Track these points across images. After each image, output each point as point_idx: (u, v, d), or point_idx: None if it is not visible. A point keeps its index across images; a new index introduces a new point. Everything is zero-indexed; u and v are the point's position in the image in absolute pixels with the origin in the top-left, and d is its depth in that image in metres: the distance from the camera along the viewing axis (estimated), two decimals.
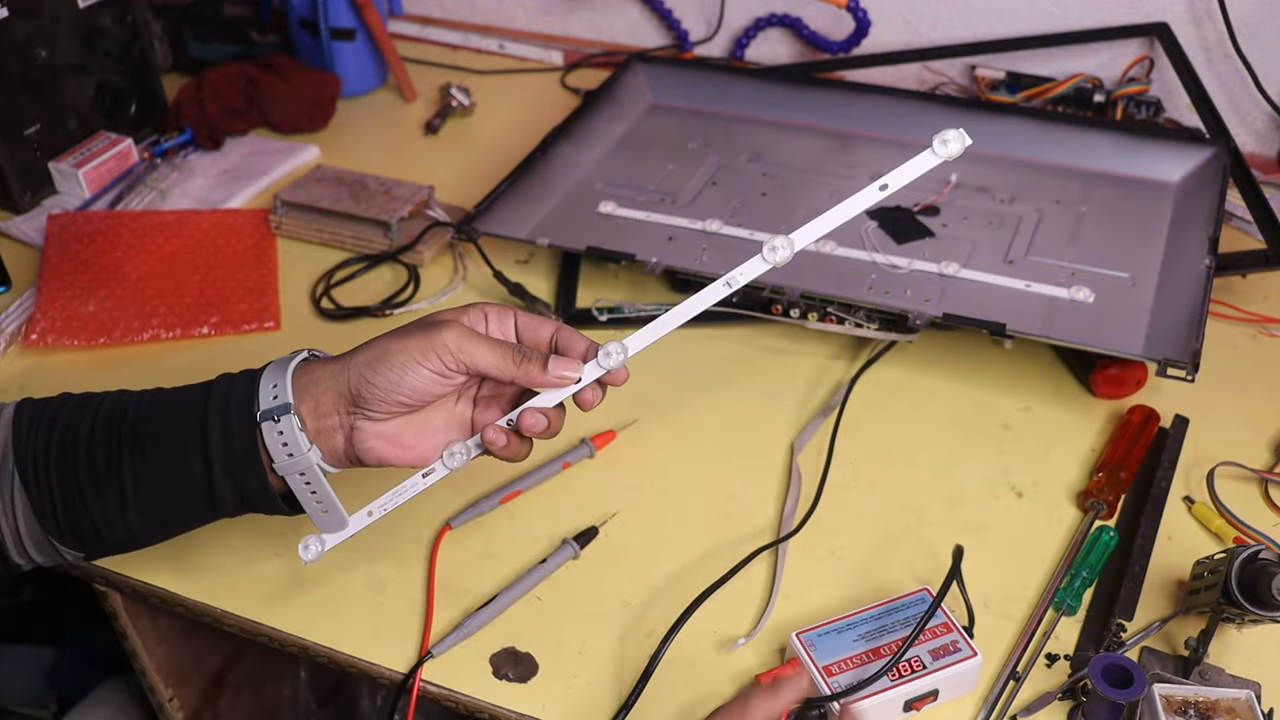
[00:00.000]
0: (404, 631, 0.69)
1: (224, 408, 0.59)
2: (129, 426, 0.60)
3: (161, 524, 0.63)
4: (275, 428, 0.58)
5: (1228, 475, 0.78)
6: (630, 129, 1.12)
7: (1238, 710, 0.60)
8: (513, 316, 0.61)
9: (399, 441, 0.60)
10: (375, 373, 0.57)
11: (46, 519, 0.60)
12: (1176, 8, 1.10)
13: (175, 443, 0.59)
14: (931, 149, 0.54)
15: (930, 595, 0.66)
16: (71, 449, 0.60)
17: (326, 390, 0.58)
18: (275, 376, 0.59)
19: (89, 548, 0.63)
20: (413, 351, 0.56)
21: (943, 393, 0.85)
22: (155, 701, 0.88)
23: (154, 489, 0.60)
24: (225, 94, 1.17)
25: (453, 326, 0.57)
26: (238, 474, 0.59)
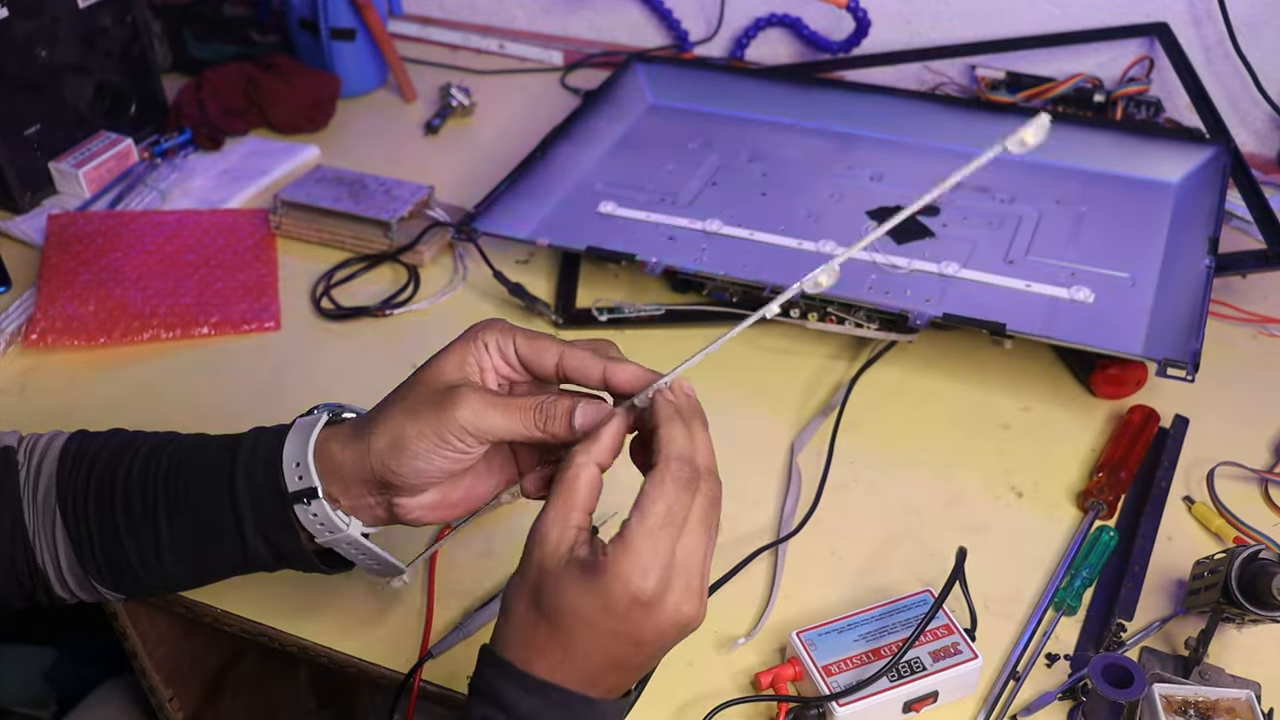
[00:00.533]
0: (404, 631, 0.68)
1: (250, 473, 0.56)
2: (165, 473, 0.58)
3: (196, 573, 0.61)
4: (307, 510, 0.55)
5: (1228, 475, 0.78)
6: (630, 129, 1.12)
7: (1238, 710, 0.60)
8: (512, 343, 0.55)
9: (444, 504, 0.57)
10: (399, 463, 0.53)
11: (85, 557, 0.59)
12: (1176, 8, 1.10)
13: (207, 499, 0.57)
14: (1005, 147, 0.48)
15: (932, 596, 0.66)
16: (110, 488, 0.58)
17: (352, 477, 0.55)
18: (297, 452, 0.56)
19: (126, 588, 0.61)
20: (430, 438, 0.53)
21: (943, 393, 0.85)
22: (155, 702, 0.88)
23: (188, 539, 0.58)
24: (225, 94, 1.17)
25: (465, 400, 0.52)
26: (271, 537, 0.57)
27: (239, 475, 0.56)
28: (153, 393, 0.87)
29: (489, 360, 0.55)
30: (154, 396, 0.87)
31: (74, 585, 0.60)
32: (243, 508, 0.56)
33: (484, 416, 0.52)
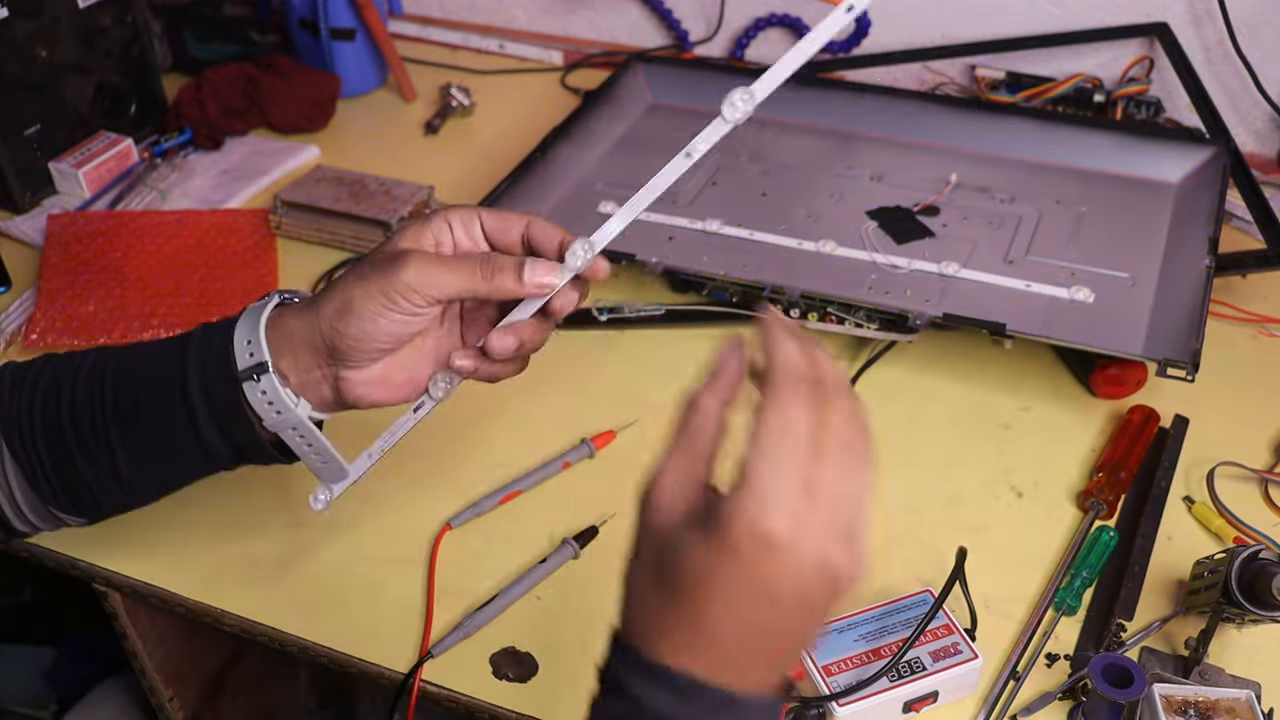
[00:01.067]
0: (404, 631, 0.69)
1: (202, 366, 0.56)
2: (110, 390, 0.58)
3: (158, 483, 0.61)
4: (257, 387, 0.55)
5: (1228, 475, 0.78)
6: (630, 129, 1.12)
7: (1238, 710, 0.60)
8: (478, 219, 0.57)
9: (389, 382, 0.57)
10: (346, 324, 0.54)
11: (41, 487, 0.59)
12: (1176, 8, 1.10)
13: (158, 404, 0.57)
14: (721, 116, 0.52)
15: (932, 596, 0.66)
16: (55, 416, 0.58)
17: (301, 345, 0.55)
18: (249, 330, 0.56)
19: (88, 513, 0.61)
20: (376, 297, 0.53)
21: (943, 393, 0.85)
22: (155, 702, 0.88)
23: (144, 452, 0.58)
24: (225, 94, 1.17)
25: (411, 260, 0.53)
26: (225, 428, 0.57)
27: (190, 369, 0.56)
28: None
29: (449, 237, 0.56)
30: None
31: (32, 516, 0.60)
32: (195, 400, 0.56)
33: (430, 273, 0.53)
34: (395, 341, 0.55)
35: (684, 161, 0.54)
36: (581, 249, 0.55)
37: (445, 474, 0.78)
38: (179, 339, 0.58)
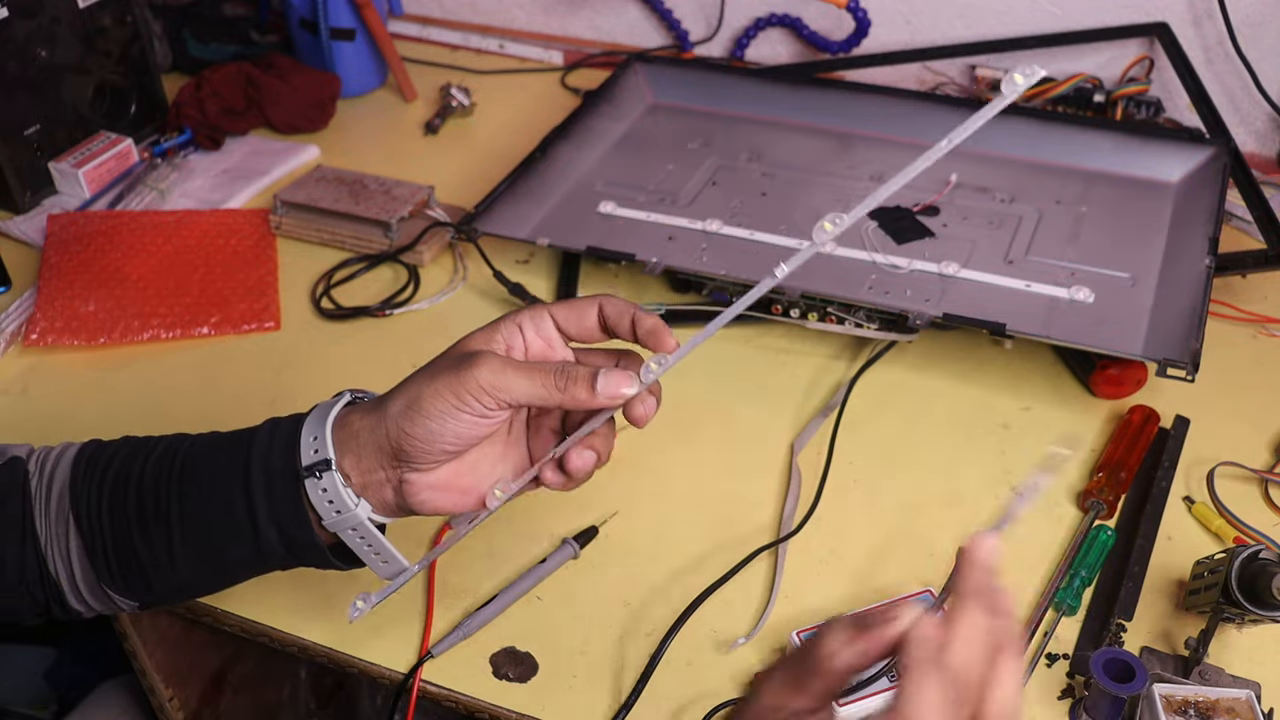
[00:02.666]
0: (404, 631, 0.69)
1: (266, 458, 0.55)
2: (178, 472, 0.57)
3: (210, 574, 0.59)
4: (318, 484, 0.54)
5: (1228, 475, 0.78)
6: (630, 129, 1.12)
7: (1238, 710, 0.60)
8: (549, 317, 0.56)
9: (453, 487, 0.55)
10: (413, 424, 0.52)
11: (99, 563, 0.58)
12: (1176, 8, 1.10)
13: (220, 491, 0.56)
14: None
15: (933, 596, 0.66)
16: (123, 492, 0.57)
17: (366, 445, 0.54)
18: (316, 426, 0.55)
19: (140, 595, 0.59)
20: (446, 397, 0.52)
21: (943, 393, 0.85)
22: (155, 702, 0.88)
23: (201, 538, 0.57)
24: (225, 94, 1.17)
25: (485, 361, 0.52)
26: (284, 525, 0.56)
27: (254, 461, 0.55)
28: (153, 392, 0.87)
29: (520, 340, 0.55)
30: (154, 396, 0.87)
31: (87, 594, 0.59)
32: (256, 494, 0.55)
33: (502, 376, 0.51)
34: (463, 444, 0.53)
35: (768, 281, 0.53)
36: (656, 364, 0.53)
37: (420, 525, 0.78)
38: (250, 429, 0.58)
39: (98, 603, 0.60)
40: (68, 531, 0.58)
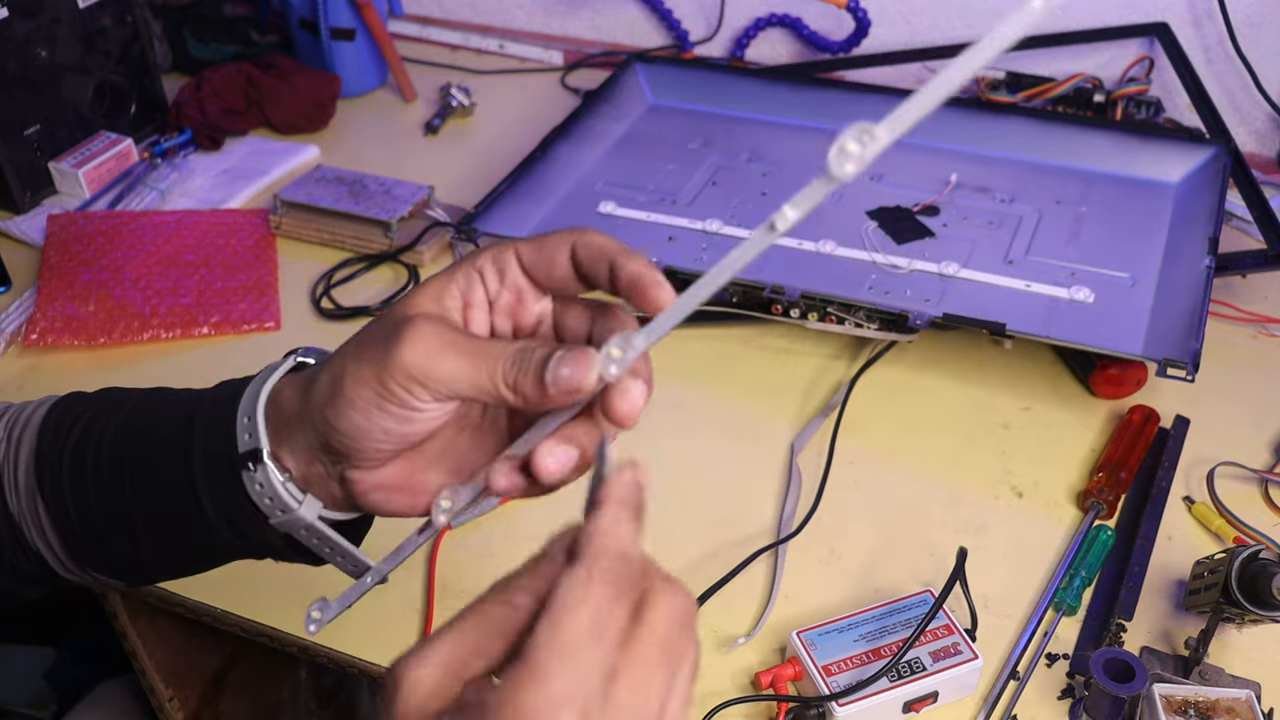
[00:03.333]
0: (404, 631, 0.69)
1: (206, 437, 0.45)
2: (131, 457, 0.48)
3: (182, 565, 0.52)
4: (253, 478, 0.44)
5: (1227, 475, 0.78)
6: (630, 129, 1.12)
7: (1238, 710, 0.60)
8: (513, 257, 0.42)
9: (407, 487, 0.44)
10: (336, 415, 0.41)
11: (72, 543, 0.51)
12: (1176, 8, 1.10)
13: (167, 478, 0.47)
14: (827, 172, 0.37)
15: (932, 597, 0.66)
16: (81, 463, 0.49)
17: (297, 433, 0.43)
18: (248, 404, 0.44)
19: (120, 577, 0.53)
20: (370, 384, 0.39)
21: (943, 393, 0.85)
22: (155, 702, 0.88)
23: (159, 530, 0.49)
24: (225, 94, 1.17)
25: (414, 338, 0.39)
26: (234, 522, 0.46)
27: (195, 443, 0.45)
28: None
29: (481, 291, 0.42)
30: None
31: (74, 569, 0.52)
32: (199, 485, 0.45)
33: (438, 360, 0.39)
34: (400, 442, 0.41)
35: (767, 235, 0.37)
36: (618, 348, 0.39)
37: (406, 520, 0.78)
38: (197, 396, 0.47)
39: (86, 577, 0.53)
40: (37, 507, 0.50)
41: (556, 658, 0.31)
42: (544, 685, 0.30)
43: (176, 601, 0.71)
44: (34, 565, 0.52)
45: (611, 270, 0.40)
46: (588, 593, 0.32)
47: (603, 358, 0.39)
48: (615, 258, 0.40)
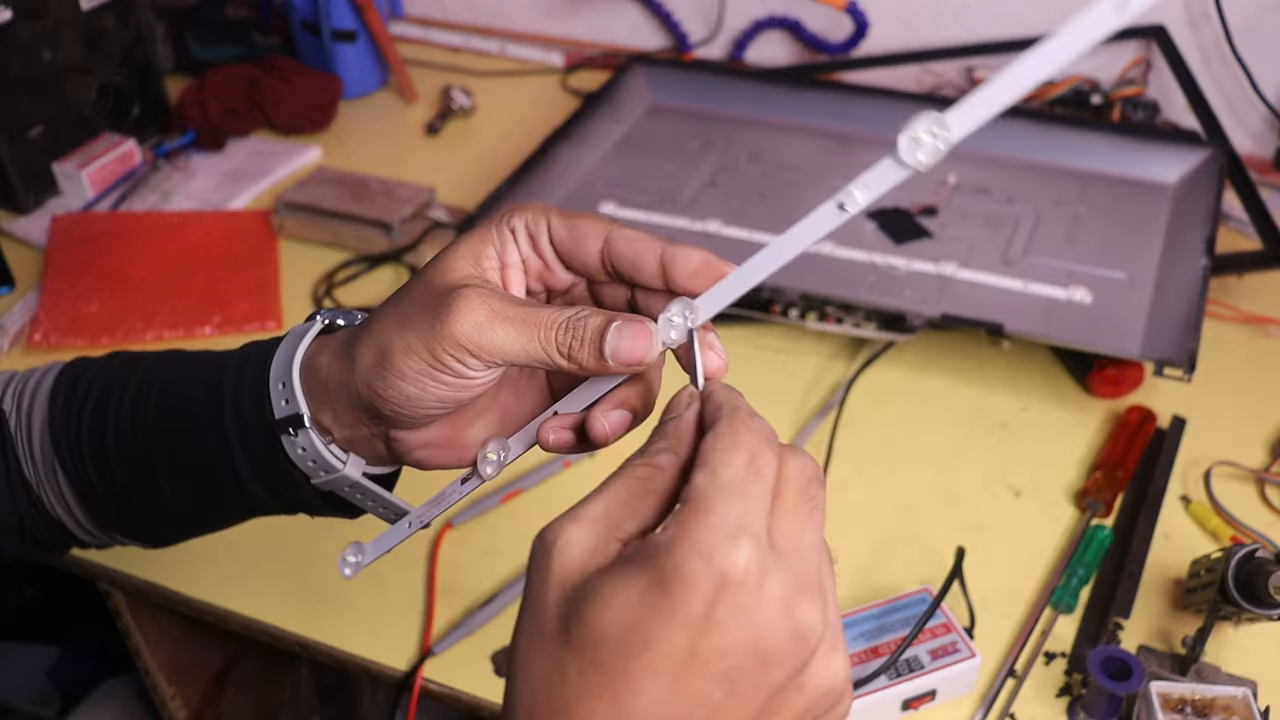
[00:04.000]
0: (405, 630, 0.69)
1: (237, 407, 0.46)
2: (154, 418, 0.48)
3: (211, 523, 0.53)
4: (295, 443, 0.45)
5: (1224, 475, 0.78)
6: (630, 130, 1.12)
7: (1234, 708, 0.60)
8: (546, 230, 0.42)
9: (453, 444, 0.45)
10: (385, 385, 0.41)
11: (94, 508, 0.51)
12: (1173, 10, 1.10)
13: (199, 445, 0.47)
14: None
15: (931, 595, 0.67)
16: (102, 430, 0.49)
17: (339, 398, 0.44)
18: (282, 369, 0.45)
19: (143, 540, 0.54)
20: (421, 354, 0.40)
21: (941, 393, 0.86)
22: (158, 700, 0.88)
23: (191, 493, 0.49)
24: (227, 95, 1.17)
25: (466, 309, 0.39)
26: (270, 484, 0.47)
27: (226, 411, 0.46)
28: None
29: (516, 253, 0.42)
30: None
31: (96, 532, 0.53)
32: (235, 452, 0.46)
33: (489, 331, 0.39)
34: (452, 406, 0.42)
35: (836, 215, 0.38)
36: (679, 314, 0.39)
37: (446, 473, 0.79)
38: (220, 363, 0.47)
39: (107, 539, 0.54)
40: (56, 474, 0.50)
41: (721, 494, 0.32)
42: (713, 517, 0.31)
43: (179, 600, 0.72)
44: (53, 533, 0.53)
45: (664, 266, 0.40)
46: (739, 439, 0.33)
47: (663, 324, 0.39)
48: (664, 253, 0.40)
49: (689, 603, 0.30)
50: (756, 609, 0.31)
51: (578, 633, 0.31)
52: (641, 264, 0.40)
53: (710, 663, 0.31)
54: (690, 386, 0.38)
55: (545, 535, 0.34)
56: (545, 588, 0.33)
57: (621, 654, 0.31)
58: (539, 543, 0.34)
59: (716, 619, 0.30)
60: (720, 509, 0.31)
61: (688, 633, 0.30)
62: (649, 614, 0.30)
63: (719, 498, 0.32)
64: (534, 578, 0.34)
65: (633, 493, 0.35)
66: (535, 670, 0.32)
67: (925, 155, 0.35)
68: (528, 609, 0.34)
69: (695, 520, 0.31)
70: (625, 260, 0.40)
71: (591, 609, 0.31)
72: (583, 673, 0.31)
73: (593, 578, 0.32)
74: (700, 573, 0.30)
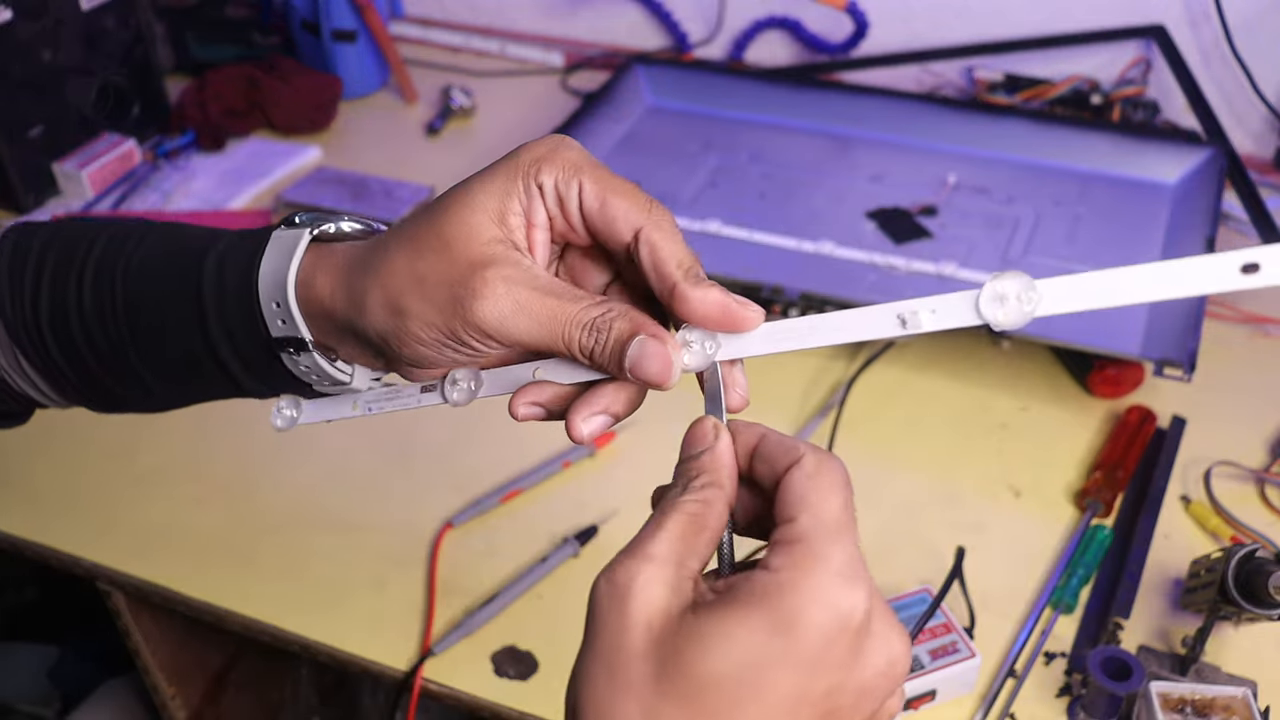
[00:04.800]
0: (405, 630, 0.69)
1: (223, 315, 0.44)
2: (125, 322, 0.46)
3: (200, 399, 0.50)
4: (296, 361, 0.43)
5: (1224, 475, 0.78)
6: (630, 130, 1.12)
7: (1234, 708, 0.60)
8: (577, 190, 0.40)
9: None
10: (399, 341, 0.40)
11: (67, 391, 0.49)
12: (1173, 10, 1.10)
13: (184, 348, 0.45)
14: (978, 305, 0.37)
15: (931, 595, 0.67)
16: (65, 326, 0.47)
17: (344, 333, 0.42)
18: (274, 288, 0.42)
19: (126, 410, 0.52)
20: (438, 326, 0.39)
21: (941, 393, 0.86)
22: (158, 700, 0.88)
23: (177, 381, 0.48)
24: (227, 95, 1.17)
25: (491, 293, 0.38)
26: (268, 381, 0.46)
27: (210, 316, 0.44)
28: None
29: (543, 212, 0.40)
30: None
31: (65, 403, 0.51)
32: (225, 357, 0.45)
33: (513, 322, 0.38)
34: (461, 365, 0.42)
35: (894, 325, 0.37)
36: (701, 342, 0.39)
37: (446, 473, 0.79)
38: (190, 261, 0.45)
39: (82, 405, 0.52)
40: (17, 359, 0.48)
41: (829, 536, 0.32)
42: (830, 561, 0.32)
43: (179, 600, 0.72)
44: (18, 404, 0.52)
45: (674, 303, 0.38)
46: (834, 478, 0.34)
47: (681, 343, 0.39)
48: (675, 289, 0.38)
49: (811, 645, 0.31)
50: (869, 651, 0.32)
51: (679, 677, 0.31)
52: (660, 286, 0.39)
53: (818, 704, 0.31)
54: (712, 417, 0.39)
55: (614, 577, 0.33)
56: (625, 632, 0.32)
57: (732, 697, 0.30)
58: (608, 585, 0.33)
59: (831, 661, 0.31)
60: (833, 552, 0.32)
61: (801, 675, 0.31)
62: (767, 657, 0.30)
63: (828, 540, 0.32)
64: (609, 621, 0.33)
65: (688, 529, 0.35)
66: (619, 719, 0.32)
67: (1005, 316, 0.36)
68: (602, 655, 0.33)
69: (812, 563, 0.32)
70: (647, 272, 0.39)
71: (700, 652, 0.31)
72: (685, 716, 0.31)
73: (691, 620, 0.32)
74: (822, 616, 0.31)
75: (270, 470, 0.80)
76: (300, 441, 0.82)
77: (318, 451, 0.81)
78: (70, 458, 0.81)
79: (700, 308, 0.38)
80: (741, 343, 0.39)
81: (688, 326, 0.39)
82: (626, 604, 0.32)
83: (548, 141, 0.40)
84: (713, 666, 0.30)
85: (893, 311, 0.37)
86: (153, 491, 0.78)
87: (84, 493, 0.78)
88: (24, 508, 0.77)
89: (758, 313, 0.38)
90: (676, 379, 0.39)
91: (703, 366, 0.39)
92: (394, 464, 0.80)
